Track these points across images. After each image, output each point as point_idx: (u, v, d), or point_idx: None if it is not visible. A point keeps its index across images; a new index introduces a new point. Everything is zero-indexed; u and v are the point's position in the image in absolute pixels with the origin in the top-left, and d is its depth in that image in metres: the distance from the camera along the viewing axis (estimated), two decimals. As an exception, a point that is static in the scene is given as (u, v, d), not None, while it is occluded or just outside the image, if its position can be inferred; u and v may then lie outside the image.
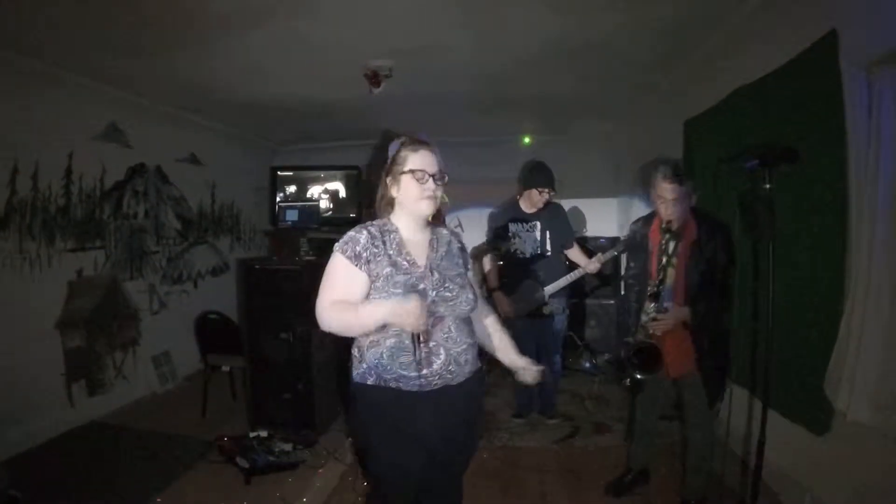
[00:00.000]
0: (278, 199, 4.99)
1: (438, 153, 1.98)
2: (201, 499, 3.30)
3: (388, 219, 2.01)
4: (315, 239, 4.70)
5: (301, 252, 4.47)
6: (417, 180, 1.90)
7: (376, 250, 1.89)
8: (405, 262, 1.91)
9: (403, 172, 1.91)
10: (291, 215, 4.99)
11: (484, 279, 4.45)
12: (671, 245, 2.86)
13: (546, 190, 4.14)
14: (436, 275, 1.92)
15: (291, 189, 5.01)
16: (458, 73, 4.56)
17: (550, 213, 4.26)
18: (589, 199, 6.91)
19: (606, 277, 5.96)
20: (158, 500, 3.27)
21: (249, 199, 7.14)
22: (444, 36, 3.77)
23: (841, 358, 2.53)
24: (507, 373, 2.27)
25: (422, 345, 1.82)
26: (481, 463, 3.69)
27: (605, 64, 4.41)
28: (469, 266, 2.14)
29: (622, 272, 5.99)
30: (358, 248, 1.88)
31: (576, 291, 5.68)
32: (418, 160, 1.91)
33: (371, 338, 1.90)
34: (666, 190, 2.80)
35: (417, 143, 1.95)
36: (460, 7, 3.33)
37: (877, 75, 2.37)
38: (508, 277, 4.27)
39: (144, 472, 3.61)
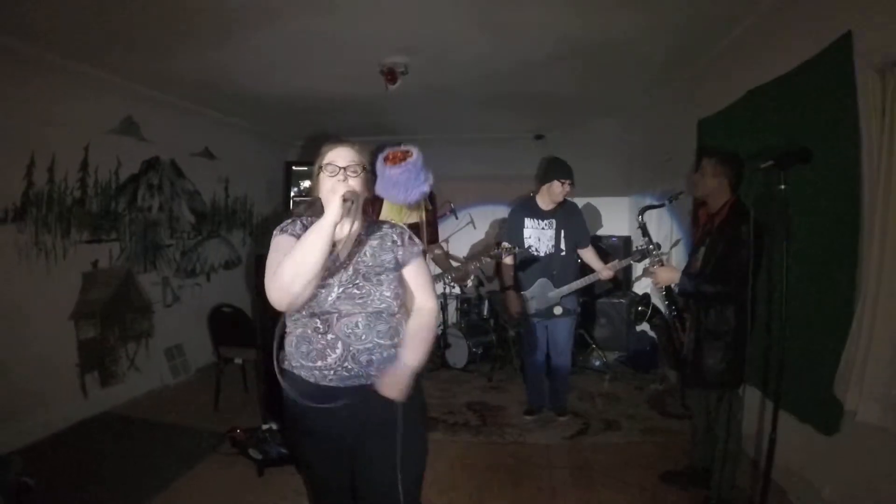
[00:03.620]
0: (292, 193, 5.01)
1: (361, 150, 1.95)
2: (214, 490, 3.35)
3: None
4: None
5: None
6: (329, 174, 1.87)
7: None
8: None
9: (320, 168, 1.91)
10: (305, 210, 5.01)
11: (497, 276, 4.42)
12: (708, 226, 2.98)
13: (567, 181, 4.05)
14: (350, 270, 1.87)
15: (306, 184, 5.02)
16: (472, 71, 4.58)
17: (566, 212, 4.21)
18: (601, 198, 6.85)
19: (618, 282, 6.00)
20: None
21: (263, 194, 7.18)
22: (460, 33, 3.79)
23: (851, 358, 2.53)
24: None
25: (351, 207, 1.73)
26: (492, 458, 3.72)
27: (620, 62, 4.42)
28: (406, 262, 1.98)
29: (633, 276, 6.08)
30: (296, 229, 1.89)
31: (587, 290, 5.70)
32: (332, 155, 1.90)
33: (288, 328, 1.92)
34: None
35: (336, 140, 1.95)
36: (476, 5, 3.35)
37: (891, 77, 2.37)
38: (521, 275, 4.25)
39: (156, 464, 3.65)
